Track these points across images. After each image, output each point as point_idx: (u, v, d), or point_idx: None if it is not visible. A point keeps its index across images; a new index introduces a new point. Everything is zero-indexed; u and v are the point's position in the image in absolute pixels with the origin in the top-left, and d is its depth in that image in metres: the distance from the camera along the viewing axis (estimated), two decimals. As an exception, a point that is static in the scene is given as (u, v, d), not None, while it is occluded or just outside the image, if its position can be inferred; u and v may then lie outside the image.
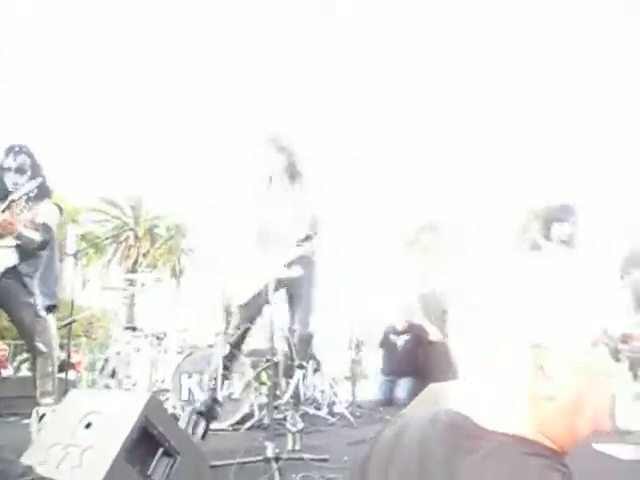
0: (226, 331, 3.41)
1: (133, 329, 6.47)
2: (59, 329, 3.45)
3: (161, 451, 2.10)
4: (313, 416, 4.30)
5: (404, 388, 5.66)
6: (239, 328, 3.39)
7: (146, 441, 2.04)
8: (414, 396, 3.07)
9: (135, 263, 24.47)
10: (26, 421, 4.70)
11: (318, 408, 4.64)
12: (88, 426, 2.04)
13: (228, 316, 3.47)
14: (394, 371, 5.91)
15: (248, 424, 4.02)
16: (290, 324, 3.18)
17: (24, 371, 7.92)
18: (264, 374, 4.38)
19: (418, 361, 5.84)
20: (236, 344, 3.43)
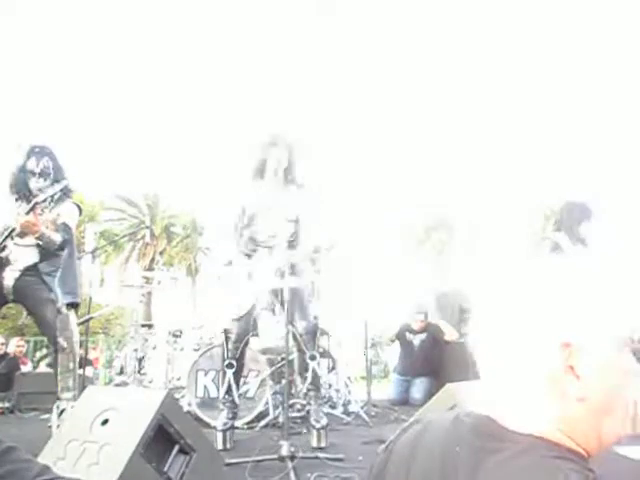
0: (227, 347, 3.42)
1: (149, 327, 6.53)
2: (77, 326, 3.48)
3: (177, 448, 2.11)
4: (328, 415, 4.31)
5: (420, 388, 5.63)
6: (238, 342, 3.42)
7: (162, 438, 2.05)
8: (430, 396, 3.04)
9: (152, 261, 24.67)
10: (44, 416, 4.79)
11: (333, 407, 4.63)
12: (105, 423, 2.05)
13: (227, 332, 3.48)
14: (410, 371, 5.87)
15: (263, 422, 4.03)
16: (291, 320, 3.19)
17: (43, 367, 8.02)
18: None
19: (434, 361, 5.80)
20: (239, 358, 3.45)
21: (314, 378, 3.40)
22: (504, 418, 0.72)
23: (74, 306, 3.35)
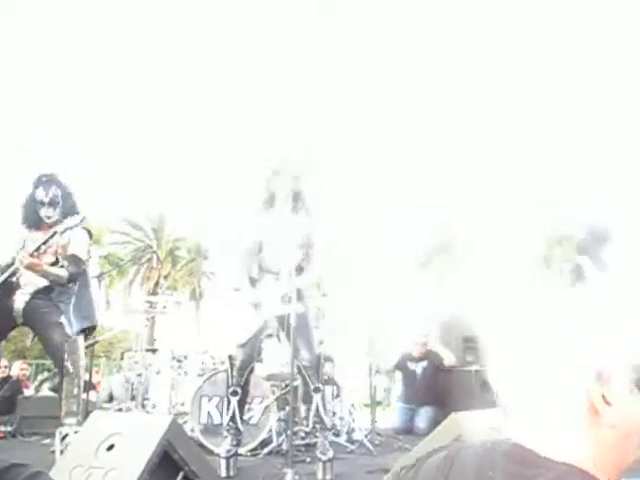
0: (232, 374, 3.42)
1: (153, 351, 6.52)
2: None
3: (181, 475, 2.11)
4: (332, 443, 4.27)
5: (424, 417, 5.58)
6: (243, 369, 3.42)
7: (167, 465, 2.06)
8: (435, 425, 3.02)
9: (156, 285, 24.69)
10: (46, 441, 4.75)
11: (337, 435, 4.59)
12: (110, 448, 2.06)
13: (231, 359, 3.48)
14: (414, 399, 5.83)
15: (267, 450, 3.99)
16: (295, 352, 3.17)
17: (45, 391, 7.97)
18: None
19: (438, 389, 5.77)
20: (244, 385, 3.46)
21: (319, 411, 3.38)
22: (536, 446, 0.74)
23: (91, 330, 3.39)
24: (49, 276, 3.27)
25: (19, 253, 3.23)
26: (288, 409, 3.84)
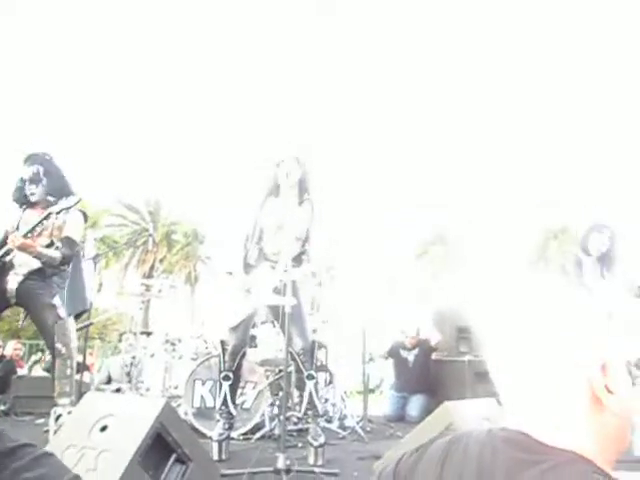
0: (224, 359, 3.43)
1: (148, 334, 6.54)
2: (77, 331, 3.50)
3: (174, 457, 2.12)
4: (324, 429, 4.30)
5: (416, 405, 5.63)
6: (235, 354, 3.42)
7: (160, 447, 2.06)
8: (426, 414, 3.05)
9: (152, 268, 24.67)
10: (39, 420, 4.78)
11: (329, 421, 4.62)
12: (104, 429, 2.06)
13: (223, 344, 3.48)
14: (406, 387, 5.88)
15: (259, 434, 4.02)
16: (289, 340, 3.18)
17: (38, 371, 8.00)
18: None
19: (430, 378, 5.82)
20: (236, 370, 3.46)
21: (312, 398, 3.39)
22: (540, 434, 0.75)
23: (84, 313, 3.39)
24: (42, 257, 3.26)
25: (13, 233, 3.22)
26: (281, 394, 3.86)
